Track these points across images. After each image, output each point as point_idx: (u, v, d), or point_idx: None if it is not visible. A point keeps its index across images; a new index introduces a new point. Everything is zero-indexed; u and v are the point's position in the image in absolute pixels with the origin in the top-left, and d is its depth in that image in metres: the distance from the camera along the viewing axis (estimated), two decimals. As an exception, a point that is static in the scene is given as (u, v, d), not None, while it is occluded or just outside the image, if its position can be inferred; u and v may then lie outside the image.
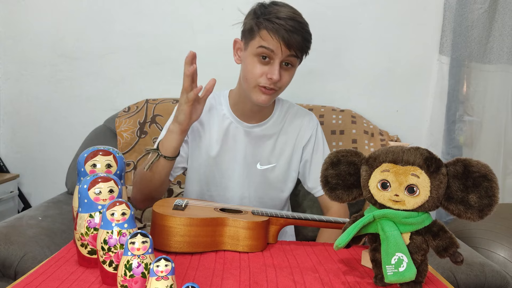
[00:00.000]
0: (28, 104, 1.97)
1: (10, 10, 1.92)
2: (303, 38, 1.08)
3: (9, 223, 1.33)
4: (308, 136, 1.28)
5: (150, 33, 1.90)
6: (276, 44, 1.07)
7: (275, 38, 1.06)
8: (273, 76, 1.08)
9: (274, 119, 1.25)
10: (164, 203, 0.97)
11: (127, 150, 1.68)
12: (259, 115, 1.23)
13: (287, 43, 1.06)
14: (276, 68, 1.08)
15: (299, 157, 1.28)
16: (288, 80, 1.14)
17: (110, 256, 0.71)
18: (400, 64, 1.92)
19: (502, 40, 1.88)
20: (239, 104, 1.22)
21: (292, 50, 1.08)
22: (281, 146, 1.26)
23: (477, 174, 0.71)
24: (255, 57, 1.10)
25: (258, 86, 1.11)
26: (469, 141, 1.94)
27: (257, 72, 1.10)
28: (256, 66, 1.10)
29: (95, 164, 0.85)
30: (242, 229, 0.91)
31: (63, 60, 1.93)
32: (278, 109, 1.27)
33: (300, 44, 1.08)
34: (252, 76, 1.11)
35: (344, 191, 0.82)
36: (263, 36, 1.08)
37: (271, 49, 1.07)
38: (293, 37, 1.06)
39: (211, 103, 1.25)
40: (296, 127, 1.27)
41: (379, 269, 0.75)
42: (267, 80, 1.09)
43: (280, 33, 1.06)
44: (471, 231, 1.56)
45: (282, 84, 1.13)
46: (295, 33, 1.07)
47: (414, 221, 0.72)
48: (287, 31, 1.06)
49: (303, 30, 1.09)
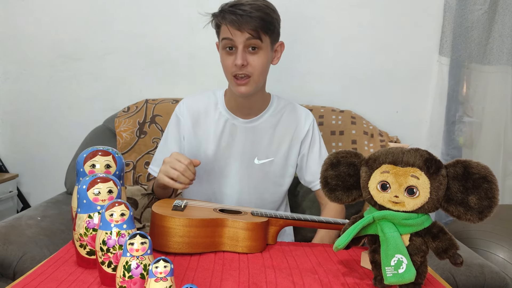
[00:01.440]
0: (27, 104, 1.97)
1: (10, 11, 1.91)
2: (258, 19, 1.10)
3: (8, 223, 1.33)
4: (306, 130, 1.29)
5: (149, 34, 1.90)
6: (231, 31, 1.10)
7: (229, 26, 1.10)
8: (237, 61, 1.11)
9: (270, 113, 1.27)
10: (163, 204, 0.97)
11: (127, 150, 1.68)
12: (253, 110, 1.25)
13: (238, 28, 1.09)
14: (239, 53, 1.11)
15: (297, 152, 1.29)
16: (259, 63, 1.14)
17: (109, 257, 0.71)
18: (400, 65, 1.91)
19: (502, 41, 1.88)
20: (232, 101, 1.25)
21: (245, 32, 1.10)
22: (278, 140, 1.27)
23: (477, 176, 0.71)
24: (223, 50, 1.15)
25: (232, 78, 1.14)
26: (469, 142, 1.94)
27: (227, 63, 1.14)
28: (225, 57, 1.15)
29: (94, 165, 0.85)
30: (241, 230, 0.90)
31: (63, 60, 1.93)
32: (274, 104, 1.28)
33: (254, 25, 1.09)
34: (225, 68, 1.16)
35: (343, 192, 0.82)
36: (222, 28, 1.14)
37: (230, 38, 1.11)
38: (244, 20, 1.09)
39: (208, 103, 1.27)
40: (293, 121, 1.29)
41: (378, 270, 0.75)
42: (235, 67, 1.12)
43: (229, 20, 1.10)
44: (470, 232, 1.56)
45: (253, 69, 1.13)
46: (247, 15, 1.09)
47: (414, 222, 0.72)
48: (237, 16, 1.09)
49: (257, 11, 1.10)
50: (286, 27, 1.25)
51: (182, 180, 1.04)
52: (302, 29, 1.88)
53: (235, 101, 1.23)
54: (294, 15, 1.84)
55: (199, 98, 1.30)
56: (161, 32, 1.90)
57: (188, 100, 1.31)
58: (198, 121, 1.26)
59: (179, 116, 1.28)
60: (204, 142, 1.26)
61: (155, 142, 1.68)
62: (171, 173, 1.04)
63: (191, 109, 1.27)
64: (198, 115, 1.27)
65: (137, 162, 1.67)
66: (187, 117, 1.27)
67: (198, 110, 1.27)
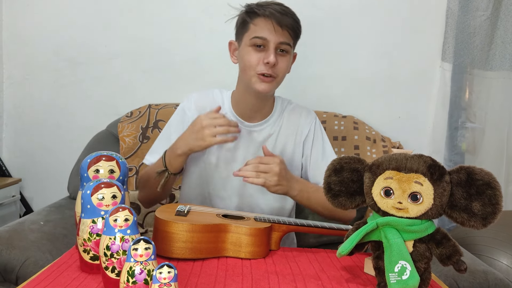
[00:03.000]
0: (31, 109, 1.98)
1: (15, 15, 1.93)
2: (293, 20, 1.13)
3: (11, 228, 1.33)
4: (307, 131, 1.27)
5: (152, 39, 1.91)
6: (270, 28, 1.10)
7: (268, 20, 1.10)
8: (269, 59, 1.10)
9: (275, 117, 1.26)
10: (166, 209, 0.97)
11: (130, 155, 1.68)
12: (260, 114, 1.24)
13: (280, 23, 1.10)
14: (271, 52, 1.11)
15: (300, 153, 1.28)
16: (285, 66, 1.15)
17: (113, 262, 0.71)
18: (402, 71, 1.92)
19: (504, 47, 1.88)
20: (240, 103, 1.23)
21: (285, 31, 1.11)
22: (281, 144, 1.26)
23: (481, 182, 0.71)
24: (250, 47, 1.13)
25: (257, 75, 1.13)
26: (472, 148, 1.94)
27: (253, 60, 1.12)
28: (252, 54, 1.13)
29: (98, 170, 0.85)
30: (244, 235, 0.90)
31: (66, 65, 1.94)
32: (278, 107, 1.28)
33: (292, 25, 1.12)
34: (249, 64, 1.13)
35: (347, 198, 0.82)
36: (256, 22, 1.12)
37: (264, 37, 1.11)
38: (284, 18, 1.11)
39: (215, 101, 1.25)
40: (294, 124, 1.27)
41: (382, 277, 0.75)
42: (264, 65, 1.12)
43: (273, 15, 1.10)
44: (473, 238, 1.55)
45: (279, 71, 1.14)
46: (286, 15, 1.11)
47: (418, 228, 0.72)
48: (279, 13, 1.10)
49: (292, 13, 1.14)
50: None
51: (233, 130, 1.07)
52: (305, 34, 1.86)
53: (244, 103, 1.22)
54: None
55: (207, 95, 1.27)
56: (165, 37, 1.91)
57: (196, 95, 1.27)
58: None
59: (186, 110, 1.24)
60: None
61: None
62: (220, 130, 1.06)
63: (199, 105, 1.23)
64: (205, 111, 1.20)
65: (140, 167, 1.67)
66: (195, 113, 1.21)
67: (205, 107, 1.22)
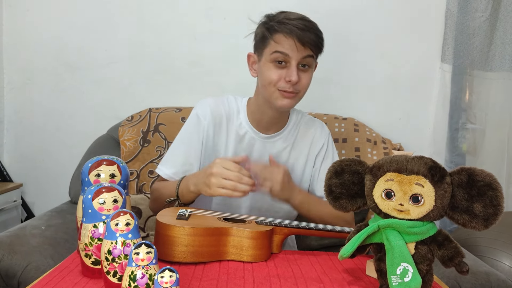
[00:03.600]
0: (31, 113, 1.98)
1: (15, 20, 1.93)
2: (316, 35, 1.10)
3: (13, 233, 1.33)
4: (320, 145, 1.26)
5: (153, 42, 1.91)
6: (291, 45, 1.07)
7: (290, 38, 1.07)
8: (292, 77, 1.08)
9: (289, 129, 1.24)
10: (167, 213, 0.97)
11: (130, 159, 1.68)
12: (276, 126, 1.22)
13: (301, 41, 1.07)
14: (293, 69, 1.09)
15: (311, 166, 1.26)
16: (307, 81, 1.13)
17: (114, 267, 0.71)
18: (402, 72, 1.92)
19: (504, 48, 1.88)
20: (256, 114, 1.20)
21: (307, 48, 1.08)
22: (294, 157, 1.24)
23: (482, 183, 0.71)
24: (271, 63, 1.11)
25: (278, 91, 1.11)
26: (472, 149, 1.94)
27: (274, 77, 1.10)
28: (273, 71, 1.11)
29: (99, 174, 0.85)
30: (246, 238, 0.90)
31: (67, 69, 1.94)
32: (293, 119, 1.25)
33: (314, 41, 1.09)
34: (270, 81, 1.11)
35: (348, 200, 0.82)
36: (276, 39, 1.09)
37: (286, 53, 1.08)
38: (306, 35, 1.07)
39: (230, 109, 1.22)
40: (309, 137, 1.26)
41: (384, 279, 0.74)
42: (286, 83, 1.10)
43: (294, 32, 1.07)
44: (475, 239, 1.55)
45: (302, 87, 1.12)
46: (308, 31, 1.08)
47: (419, 230, 0.72)
48: (300, 30, 1.07)
49: (315, 28, 1.11)
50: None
51: (242, 188, 0.98)
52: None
53: (262, 114, 1.19)
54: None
55: (222, 102, 1.22)
56: (165, 41, 1.91)
57: (210, 101, 1.21)
58: (221, 126, 1.19)
59: (201, 118, 1.19)
60: (222, 152, 1.20)
61: (158, 151, 1.69)
62: (226, 184, 0.97)
63: (215, 113, 1.19)
64: (220, 120, 1.19)
65: (141, 170, 1.67)
66: (210, 120, 1.18)
67: (221, 115, 1.19)
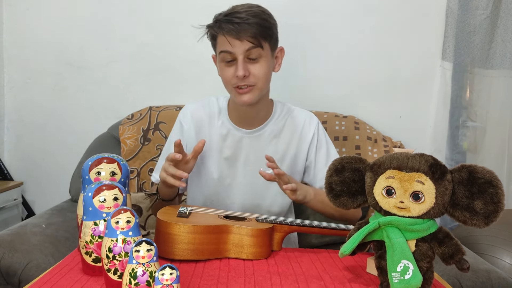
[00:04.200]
0: (32, 112, 1.98)
1: (15, 20, 1.93)
2: (255, 25, 1.08)
3: (13, 231, 1.33)
4: (311, 136, 1.26)
5: (153, 41, 1.91)
6: (230, 42, 1.08)
7: (224, 36, 1.08)
8: (238, 73, 1.09)
9: (273, 121, 1.24)
10: (168, 211, 0.97)
11: (131, 157, 1.68)
12: (256, 120, 1.22)
13: (237, 37, 1.07)
14: (239, 65, 1.09)
15: (304, 158, 1.26)
16: (261, 72, 1.11)
17: (115, 264, 0.71)
18: (403, 70, 1.92)
19: (505, 46, 1.88)
20: (235, 111, 1.22)
21: (244, 41, 1.08)
22: (283, 148, 1.24)
23: (482, 181, 0.71)
24: (222, 63, 1.13)
25: (234, 88, 1.13)
26: (473, 147, 1.94)
27: (227, 75, 1.12)
28: (225, 70, 1.12)
29: (100, 172, 0.85)
30: (246, 236, 0.90)
31: (67, 68, 1.94)
32: (277, 111, 1.26)
33: (252, 32, 1.07)
34: (225, 81, 1.14)
35: (348, 198, 0.82)
36: (218, 41, 1.12)
37: (229, 51, 1.09)
38: (241, 28, 1.07)
39: (211, 111, 1.25)
40: (297, 128, 1.26)
41: (384, 276, 0.74)
42: (237, 79, 1.11)
43: (227, 29, 1.07)
44: (476, 237, 1.55)
45: (256, 78, 1.12)
46: (244, 23, 1.07)
47: (420, 228, 0.72)
48: (234, 24, 1.07)
49: (254, 18, 1.08)
50: (289, 33, 1.25)
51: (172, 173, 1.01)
52: (305, 35, 1.88)
53: (238, 111, 1.21)
54: (297, 21, 1.84)
55: (202, 105, 1.26)
56: (165, 39, 1.91)
57: (191, 106, 1.27)
58: (202, 129, 1.23)
59: (183, 123, 1.25)
60: (207, 152, 1.22)
61: (159, 149, 1.69)
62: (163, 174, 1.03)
63: (195, 117, 1.24)
64: (201, 123, 1.24)
65: (141, 169, 1.67)
66: (191, 125, 1.23)
67: (202, 118, 1.24)
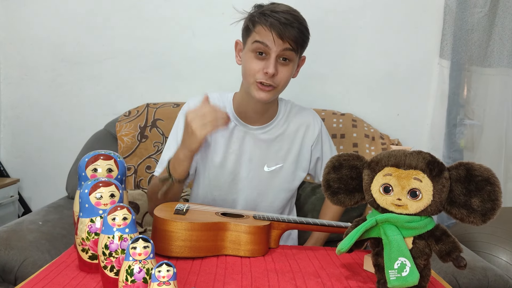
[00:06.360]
0: (28, 109, 1.97)
1: (11, 15, 1.92)
2: (298, 30, 1.08)
3: (9, 228, 1.32)
4: (316, 134, 1.27)
5: (150, 38, 1.90)
6: (270, 38, 1.07)
7: (268, 31, 1.07)
8: (269, 69, 1.07)
9: (278, 121, 1.24)
10: (165, 208, 0.97)
11: (128, 154, 1.68)
12: (263, 117, 1.22)
13: (281, 35, 1.06)
14: (271, 62, 1.08)
15: (309, 156, 1.27)
16: (286, 75, 1.12)
17: (111, 261, 0.71)
18: (400, 68, 1.92)
19: (502, 44, 1.88)
20: (242, 106, 1.21)
21: (286, 42, 1.08)
22: (287, 146, 1.25)
23: (480, 178, 0.71)
24: (252, 53, 1.11)
25: (256, 82, 1.11)
26: (470, 145, 1.94)
27: (254, 67, 1.10)
28: (253, 61, 1.11)
29: (96, 169, 0.84)
30: (243, 233, 0.90)
31: (64, 64, 1.93)
32: (282, 110, 1.26)
33: (294, 36, 1.08)
34: (249, 72, 1.11)
35: (346, 195, 0.81)
36: (258, 31, 1.09)
37: (266, 44, 1.08)
38: (287, 30, 1.07)
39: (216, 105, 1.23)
40: (302, 126, 1.26)
41: (381, 273, 0.74)
42: (264, 75, 1.09)
43: (274, 25, 1.06)
44: (473, 235, 1.55)
45: (280, 80, 1.11)
46: (289, 25, 1.07)
47: (417, 225, 0.72)
48: (281, 24, 1.06)
49: (298, 23, 1.09)
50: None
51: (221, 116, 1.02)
52: (302, 32, 1.88)
53: (247, 106, 1.20)
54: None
55: None
56: (162, 36, 1.90)
57: (196, 99, 1.23)
58: None
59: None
60: (212, 148, 1.22)
61: (156, 146, 1.68)
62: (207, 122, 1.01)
63: None
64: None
65: (138, 166, 1.67)
66: None
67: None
